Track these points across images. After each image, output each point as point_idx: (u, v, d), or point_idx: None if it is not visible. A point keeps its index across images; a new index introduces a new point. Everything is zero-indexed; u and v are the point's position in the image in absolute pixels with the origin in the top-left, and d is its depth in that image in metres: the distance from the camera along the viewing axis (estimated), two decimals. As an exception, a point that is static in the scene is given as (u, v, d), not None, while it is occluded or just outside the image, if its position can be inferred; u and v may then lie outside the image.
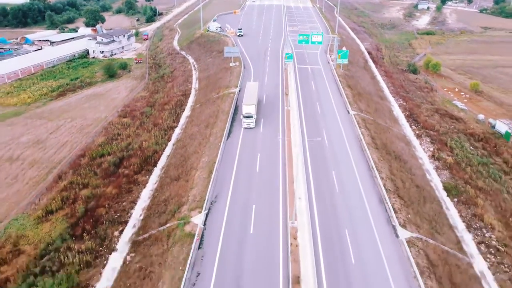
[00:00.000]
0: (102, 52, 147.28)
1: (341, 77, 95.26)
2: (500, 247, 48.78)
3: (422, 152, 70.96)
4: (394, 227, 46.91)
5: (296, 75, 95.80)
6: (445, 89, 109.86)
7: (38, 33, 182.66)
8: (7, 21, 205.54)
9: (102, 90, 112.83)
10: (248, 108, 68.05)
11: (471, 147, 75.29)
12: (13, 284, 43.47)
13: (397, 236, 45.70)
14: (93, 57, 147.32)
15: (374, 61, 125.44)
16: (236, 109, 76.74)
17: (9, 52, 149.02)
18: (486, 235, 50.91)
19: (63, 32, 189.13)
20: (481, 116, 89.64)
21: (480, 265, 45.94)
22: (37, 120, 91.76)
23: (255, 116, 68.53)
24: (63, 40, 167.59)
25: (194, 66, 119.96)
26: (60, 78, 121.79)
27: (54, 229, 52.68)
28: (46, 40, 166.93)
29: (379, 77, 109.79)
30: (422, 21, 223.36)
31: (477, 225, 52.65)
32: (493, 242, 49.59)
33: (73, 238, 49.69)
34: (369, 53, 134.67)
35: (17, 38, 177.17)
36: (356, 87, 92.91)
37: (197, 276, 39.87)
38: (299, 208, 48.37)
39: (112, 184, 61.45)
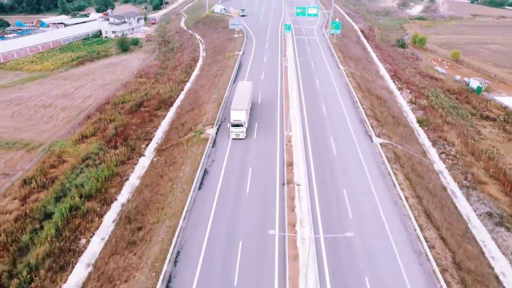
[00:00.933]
0: (114, 32, 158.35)
1: (334, 45, 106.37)
2: (457, 155, 59.75)
3: (401, 99, 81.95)
4: (370, 136, 57.95)
5: (294, 43, 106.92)
6: (429, 59, 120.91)
7: (53, 17, 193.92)
8: (22, 8, 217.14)
9: (118, 60, 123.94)
10: (238, 114, 52.98)
11: (445, 97, 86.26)
12: (62, 175, 54.43)
13: (372, 141, 56.71)
14: (106, 37, 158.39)
15: (366, 37, 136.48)
16: (240, 66, 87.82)
17: (28, 32, 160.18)
18: (447, 148, 61.88)
19: (75, 18, 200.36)
20: (458, 77, 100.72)
21: (439, 166, 56.89)
22: (62, 81, 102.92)
23: (246, 125, 54.30)
24: (76, 23, 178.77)
25: (200, 40, 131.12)
26: (77, 51, 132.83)
27: (91, 146, 63.63)
28: (61, 23, 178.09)
29: (369, 49, 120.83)
30: (415, 10, 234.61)
31: (441, 143, 63.60)
32: (452, 153, 60.55)
33: (109, 147, 60.74)
34: (362, 31, 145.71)
35: (32, 23, 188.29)
36: (347, 52, 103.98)
37: (212, 161, 50.84)
38: (293, 124, 59.37)
39: (136, 117, 72.50)
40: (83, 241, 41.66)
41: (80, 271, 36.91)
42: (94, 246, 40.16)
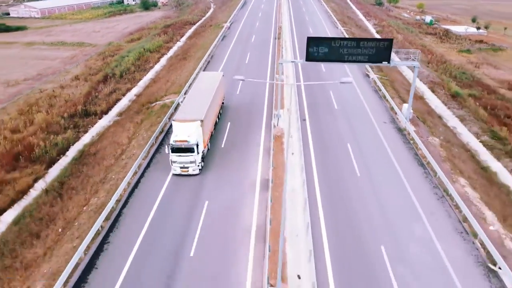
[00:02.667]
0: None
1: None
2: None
3: (367, 22, 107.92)
4: (335, 24, 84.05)
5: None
6: (399, 10, 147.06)
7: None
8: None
9: (142, 15, 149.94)
10: (183, 129, 30.55)
11: (403, 25, 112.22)
12: (125, 51, 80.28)
13: (336, 27, 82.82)
14: (127, 4, 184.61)
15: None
16: (245, 3, 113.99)
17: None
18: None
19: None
20: (417, 17, 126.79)
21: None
22: (101, 23, 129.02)
23: (200, 151, 30.49)
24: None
25: (211, 3, 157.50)
26: (107, 10, 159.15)
27: (140, 43, 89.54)
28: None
29: (351, 4, 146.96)
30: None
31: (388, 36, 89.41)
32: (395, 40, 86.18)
33: (159, 36, 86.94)
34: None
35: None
36: (332, 1, 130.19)
37: (228, 31, 76.94)
38: (283, 20, 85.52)
39: (168, 30, 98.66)
40: (151, 65, 67.60)
41: (149, 77, 62.57)
42: (157, 67, 66.09)
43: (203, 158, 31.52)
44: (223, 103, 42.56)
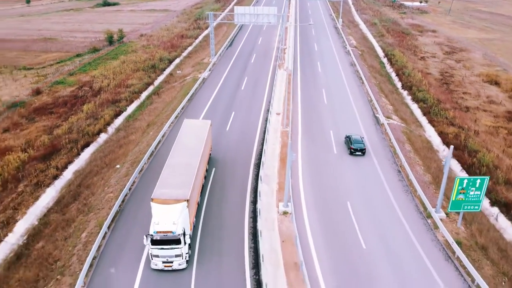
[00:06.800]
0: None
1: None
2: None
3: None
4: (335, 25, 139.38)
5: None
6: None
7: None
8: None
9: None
10: (164, 212, 24.28)
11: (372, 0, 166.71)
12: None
13: (337, 29, 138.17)
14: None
15: None
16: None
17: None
18: (366, 18, 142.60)
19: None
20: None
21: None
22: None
23: (187, 241, 24.37)
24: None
25: None
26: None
27: (201, 9, 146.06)
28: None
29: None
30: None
31: (364, 18, 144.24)
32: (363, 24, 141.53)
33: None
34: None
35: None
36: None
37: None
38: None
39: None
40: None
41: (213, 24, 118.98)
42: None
43: (189, 245, 24.61)
44: (210, 154, 36.25)
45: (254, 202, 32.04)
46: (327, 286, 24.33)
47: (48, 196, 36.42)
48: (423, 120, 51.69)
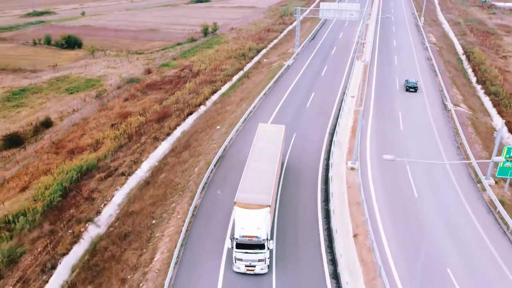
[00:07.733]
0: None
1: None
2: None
3: None
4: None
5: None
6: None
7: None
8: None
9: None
10: (248, 217, 24.93)
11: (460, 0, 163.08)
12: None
13: (418, 27, 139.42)
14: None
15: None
16: None
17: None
18: (451, 17, 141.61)
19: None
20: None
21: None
22: None
23: (269, 242, 25.01)
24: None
25: None
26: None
27: (285, 6, 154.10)
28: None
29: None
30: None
31: (448, 17, 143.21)
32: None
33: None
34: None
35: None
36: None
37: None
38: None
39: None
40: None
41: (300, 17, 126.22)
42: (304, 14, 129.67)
43: (269, 249, 24.86)
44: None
45: (327, 158, 39.29)
46: (383, 218, 30.93)
47: (164, 147, 46.69)
48: (493, 112, 54.76)
